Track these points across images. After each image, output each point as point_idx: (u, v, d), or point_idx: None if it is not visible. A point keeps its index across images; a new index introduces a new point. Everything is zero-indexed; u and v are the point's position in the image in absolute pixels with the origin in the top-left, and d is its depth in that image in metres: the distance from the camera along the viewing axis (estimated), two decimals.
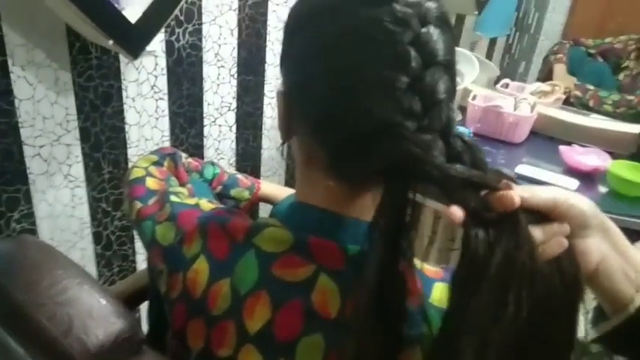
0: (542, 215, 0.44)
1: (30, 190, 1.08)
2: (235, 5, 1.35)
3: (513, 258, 0.40)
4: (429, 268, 0.56)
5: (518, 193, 0.42)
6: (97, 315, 0.51)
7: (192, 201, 0.64)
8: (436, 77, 0.45)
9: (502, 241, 0.41)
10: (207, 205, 0.62)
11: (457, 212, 0.41)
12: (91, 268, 1.28)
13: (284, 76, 0.55)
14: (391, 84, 0.44)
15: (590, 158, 1.48)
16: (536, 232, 0.42)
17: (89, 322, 0.50)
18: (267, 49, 1.50)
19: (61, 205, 1.15)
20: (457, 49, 0.53)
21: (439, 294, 0.53)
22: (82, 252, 1.24)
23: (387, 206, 0.46)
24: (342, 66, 0.46)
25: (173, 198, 0.64)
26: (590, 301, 0.51)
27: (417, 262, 0.53)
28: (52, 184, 1.12)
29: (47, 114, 1.05)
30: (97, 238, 1.26)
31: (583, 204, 0.45)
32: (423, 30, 0.45)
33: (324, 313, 0.51)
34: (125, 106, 1.19)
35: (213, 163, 0.88)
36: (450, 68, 0.46)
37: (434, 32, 0.45)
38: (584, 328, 0.51)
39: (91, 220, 1.23)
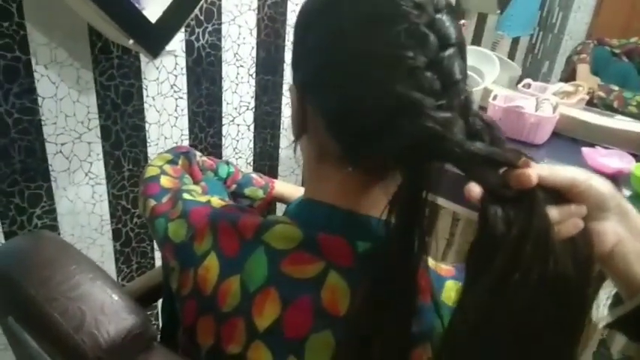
0: (560, 194, 0.44)
1: (52, 187, 1.10)
2: (254, 5, 1.36)
3: (529, 236, 0.40)
4: (442, 267, 0.56)
5: (537, 172, 0.42)
6: (108, 310, 0.52)
7: (204, 198, 0.64)
8: (452, 58, 0.46)
9: (519, 219, 0.41)
10: (218, 202, 0.63)
11: (475, 189, 0.42)
12: (110, 265, 1.30)
13: (296, 73, 0.56)
14: (410, 64, 0.44)
15: (614, 160, 1.44)
16: (553, 211, 0.42)
17: (101, 317, 0.51)
18: (286, 48, 1.50)
19: (81, 202, 1.17)
20: (478, 48, 0.53)
21: (449, 291, 0.53)
22: (102, 248, 1.26)
23: (403, 193, 0.46)
24: (359, 51, 0.46)
25: (185, 195, 0.65)
26: (610, 286, 0.50)
27: (430, 260, 0.53)
28: (73, 182, 1.14)
29: (69, 112, 1.07)
30: (116, 234, 1.27)
31: (602, 186, 0.45)
32: (437, 15, 0.46)
33: (334, 310, 0.51)
34: (145, 105, 1.21)
35: (227, 162, 0.88)
36: (462, 52, 0.48)
37: (446, 18, 0.47)
38: (595, 313, 0.50)
39: (110, 217, 1.24)
